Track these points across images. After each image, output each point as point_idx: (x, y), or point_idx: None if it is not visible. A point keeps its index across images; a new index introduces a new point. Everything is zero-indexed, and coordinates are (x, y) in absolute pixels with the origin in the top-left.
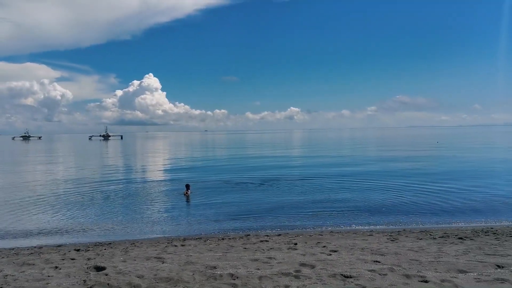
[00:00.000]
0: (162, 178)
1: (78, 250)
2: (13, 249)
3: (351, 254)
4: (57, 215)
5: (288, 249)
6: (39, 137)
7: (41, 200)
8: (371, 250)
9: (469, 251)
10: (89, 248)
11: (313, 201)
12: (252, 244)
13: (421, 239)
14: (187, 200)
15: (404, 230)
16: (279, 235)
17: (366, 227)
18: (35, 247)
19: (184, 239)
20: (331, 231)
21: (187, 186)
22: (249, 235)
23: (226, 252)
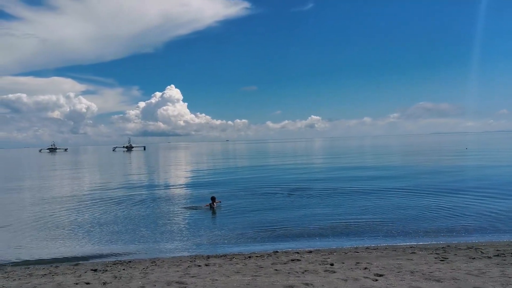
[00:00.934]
0: (186, 190)
1: (95, 270)
2: (28, 267)
3: (401, 280)
4: (77, 228)
5: (325, 271)
6: (65, 149)
7: (63, 212)
8: (423, 273)
9: None
10: (107, 268)
11: (344, 212)
12: (282, 265)
13: (474, 258)
14: (213, 213)
15: (449, 246)
16: (310, 252)
17: (405, 243)
18: (51, 265)
19: (208, 257)
20: (367, 247)
21: (213, 199)
22: (277, 252)
23: (256, 276)
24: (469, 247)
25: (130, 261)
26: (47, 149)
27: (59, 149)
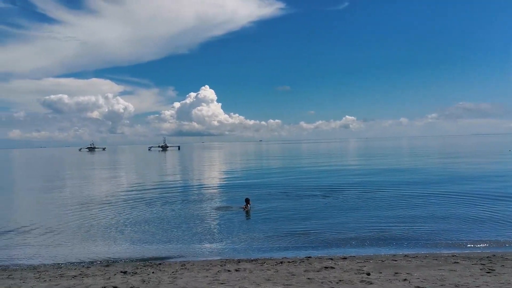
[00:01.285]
0: (219, 190)
1: (124, 272)
2: (60, 267)
3: None
4: (111, 228)
5: (361, 282)
6: (103, 148)
7: (98, 212)
8: (468, 287)
9: None
10: (136, 271)
11: (380, 217)
12: (316, 272)
13: None
14: (246, 215)
15: (494, 255)
16: (345, 258)
17: (446, 251)
18: (83, 265)
19: (239, 261)
20: (405, 255)
21: (247, 201)
22: (310, 257)
23: (287, 284)
24: None
25: (160, 263)
26: (86, 148)
27: (98, 148)
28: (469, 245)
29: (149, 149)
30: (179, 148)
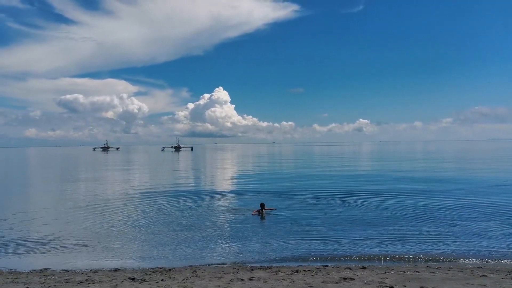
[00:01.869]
0: (232, 193)
1: (133, 279)
2: (67, 271)
3: None
4: (121, 231)
5: None
6: (117, 148)
7: (109, 214)
8: None
9: None
10: (145, 278)
11: (400, 223)
12: (334, 284)
13: None
14: (261, 219)
15: None
16: (364, 268)
17: (471, 260)
18: (90, 270)
19: (252, 269)
20: (428, 266)
21: (262, 205)
22: (327, 266)
23: None
24: None
25: (170, 269)
26: (100, 147)
27: (112, 148)
28: (495, 256)
29: (162, 150)
30: (192, 149)
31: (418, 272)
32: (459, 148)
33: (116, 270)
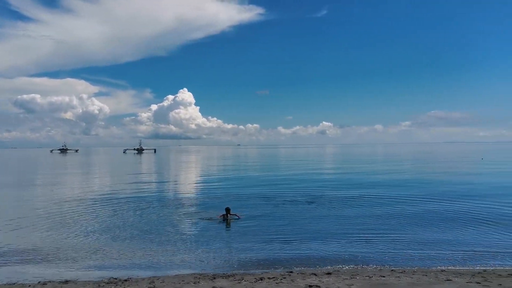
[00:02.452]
0: (196, 197)
1: None
2: (13, 284)
3: None
4: (75, 237)
5: None
6: (76, 150)
7: (61, 220)
8: None
9: None
10: None
11: (364, 225)
12: None
13: None
14: (226, 225)
15: (485, 271)
16: (330, 274)
17: (435, 264)
18: (38, 282)
19: (214, 277)
20: (392, 270)
21: (227, 210)
22: (292, 272)
23: None
24: (510, 274)
25: (126, 280)
26: (58, 149)
27: (70, 150)
28: (458, 260)
29: (124, 152)
30: (155, 151)
31: (384, 277)
32: (416, 151)
33: (66, 282)
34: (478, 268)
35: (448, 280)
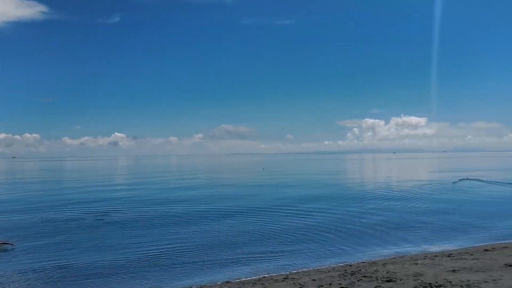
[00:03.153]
0: None
1: None
2: None
3: None
4: None
5: None
6: None
7: None
8: None
9: None
10: None
11: (154, 238)
12: None
13: None
14: None
15: (260, 279)
16: None
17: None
18: None
19: None
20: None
21: None
22: None
23: None
24: (285, 278)
25: None
26: None
27: None
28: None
29: None
30: None
31: None
32: (209, 162)
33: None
34: (255, 278)
35: None
